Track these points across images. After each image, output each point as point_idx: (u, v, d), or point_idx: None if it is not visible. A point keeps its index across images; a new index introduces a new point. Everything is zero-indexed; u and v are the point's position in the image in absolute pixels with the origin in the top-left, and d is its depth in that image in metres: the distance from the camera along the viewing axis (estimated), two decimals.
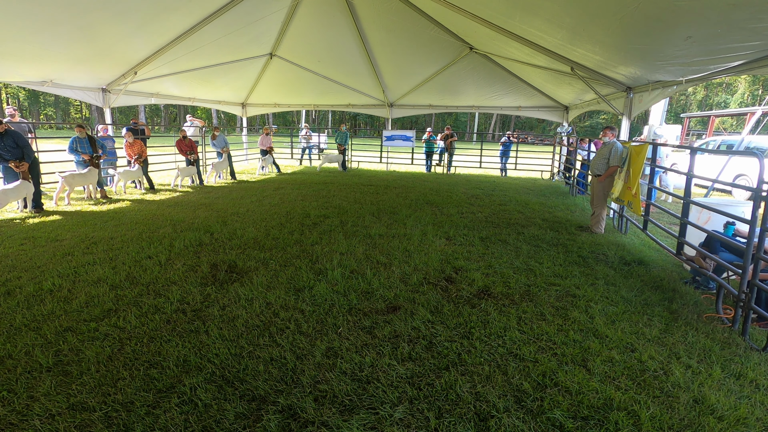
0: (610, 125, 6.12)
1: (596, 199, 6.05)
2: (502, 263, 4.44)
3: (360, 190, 9.16)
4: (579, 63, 7.06)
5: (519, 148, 14.29)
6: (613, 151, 5.78)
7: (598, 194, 6.00)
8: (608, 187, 5.95)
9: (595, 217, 6.02)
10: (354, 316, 3.16)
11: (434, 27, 8.87)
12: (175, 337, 2.78)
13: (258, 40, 9.91)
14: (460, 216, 6.73)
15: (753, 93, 35.64)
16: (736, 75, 5.33)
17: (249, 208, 6.92)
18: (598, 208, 6.01)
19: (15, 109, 8.71)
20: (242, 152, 14.86)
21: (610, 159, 5.80)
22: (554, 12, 5.40)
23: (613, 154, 5.78)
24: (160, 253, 4.45)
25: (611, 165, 5.79)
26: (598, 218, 5.99)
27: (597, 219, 6.00)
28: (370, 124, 54.77)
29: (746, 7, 3.32)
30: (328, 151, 16.42)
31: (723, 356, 2.76)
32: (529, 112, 12.98)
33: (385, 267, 4.21)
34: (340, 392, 2.26)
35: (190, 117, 12.05)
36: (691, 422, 2.12)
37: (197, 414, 2.09)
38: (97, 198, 7.69)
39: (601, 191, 5.98)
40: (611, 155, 5.79)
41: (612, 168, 5.80)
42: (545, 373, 2.47)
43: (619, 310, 3.37)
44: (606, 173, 5.87)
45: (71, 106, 47.65)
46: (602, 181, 5.93)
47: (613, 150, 5.78)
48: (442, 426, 2.04)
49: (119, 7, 6.36)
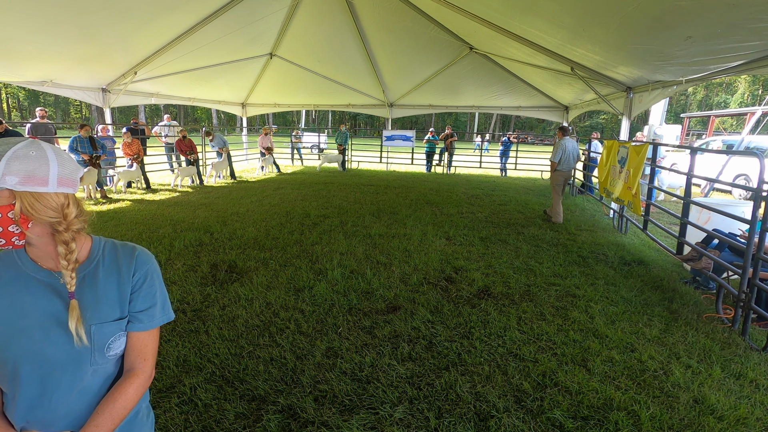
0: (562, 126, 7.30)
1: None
2: (502, 263, 4.44)
3: (360, 190, 9.16)
4: (579, 63, 7.05)
5: (519, 148, 14.29)
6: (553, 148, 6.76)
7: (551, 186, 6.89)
8: (554, 180, 6.74)
9: (551, 208, 6.77)
10: (354, 316, 3.16)
11: (434, 27, 8.86)
12: (175, 337, 2.78)
13: (258, 40, 9.91)
14: (460, 216, 6.73)
15: (753, 93, 35.65)
16: (736, 75, 5.32)
17: (249, 208, 6.92)
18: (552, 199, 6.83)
19: (44, 110, 8.72)
20: (242, 152, 14.86)
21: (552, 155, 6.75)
22: (554, 12, 5.39)
23: (553, 152, 6.76)
24: (160, 253, 4.45)
25: (551, 161, 6.76)
26: (553, 208, 6.71)
27: (552, 209, 6.72)
28: (370, 124, 54.77)
29: (746, 7, 3.32)
30: (328, 151, 16.43)
31: (723, 356, 2.76)
32: (529, 112, 12.96)
33: (385, 267, 4.21)
34: (340, 392, 2.26)
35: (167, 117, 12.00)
36: (691, 422, 2.12)
37: (197, 414, 2.09)
38: (97, 198, 7.69)
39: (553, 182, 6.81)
40: (552, 152, 6.76)
41: (552, 164, 6.75)
42: (545, 373, 2.47)
43: (619, 310, 3.37)
44: (551, 168, 6.85)
45: (71, 106, 47.65)
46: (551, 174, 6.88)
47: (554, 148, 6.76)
48: (442, 426, 2.04)
49: (119, 7, 6.36)
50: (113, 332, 0.94)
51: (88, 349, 0.90)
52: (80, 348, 0.89)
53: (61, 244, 0.88)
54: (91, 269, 0.96)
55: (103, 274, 0.96)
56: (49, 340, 0.88)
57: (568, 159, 6.65)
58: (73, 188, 0.91)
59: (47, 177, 0.84)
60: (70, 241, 0.89)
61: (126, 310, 0.98)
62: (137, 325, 0.98)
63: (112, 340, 0.94)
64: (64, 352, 0.88)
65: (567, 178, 6.76)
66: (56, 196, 0.87)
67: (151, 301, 1.01)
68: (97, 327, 0.91)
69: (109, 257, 0.99)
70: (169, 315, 1.06)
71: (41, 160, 0.83)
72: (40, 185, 0.83)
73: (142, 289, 0.99)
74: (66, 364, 0.89)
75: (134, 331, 0.98)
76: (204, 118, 48.23)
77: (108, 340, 0.93)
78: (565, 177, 6.73)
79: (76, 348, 0.89)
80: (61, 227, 0.88)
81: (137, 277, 0.99)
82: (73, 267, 0.89)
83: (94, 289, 0.94)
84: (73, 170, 0.90)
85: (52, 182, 0.85)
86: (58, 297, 0.90)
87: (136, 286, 0.99)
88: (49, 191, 0.85)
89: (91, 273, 0.95)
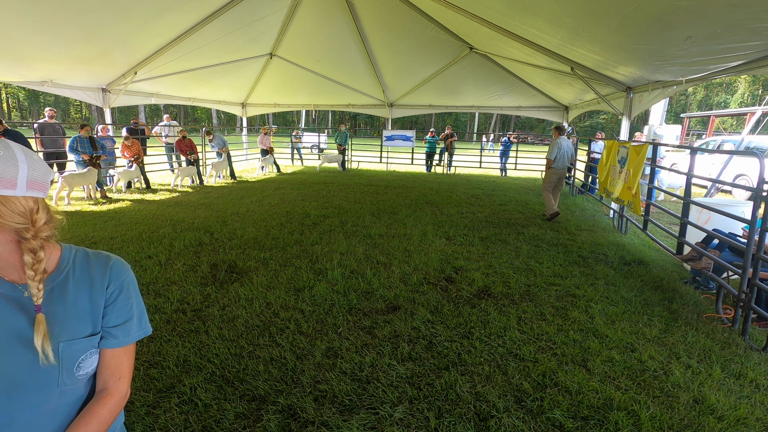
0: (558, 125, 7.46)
1: None
2: (502, 263, 4.44)
3: (360, 190, 9.16)
4: (579, 63, 7.06)
5: (519, 148, 14.29)
6: (549, 146, 6.96)
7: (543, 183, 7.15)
8: (547, 177, 6.95)
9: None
10: (354, 316, 3.16)
11: (434, 27, 8.86)
12: (175, 337, 2.78)
13: (258, 40, 9.91)
14: (460, 216, 6.73)
15: (753, 93, 35.65)
16: (736, 75, 5.32)
17: (249, 208, 6.92)
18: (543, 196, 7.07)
19: (53, 110, 8.75)
20: (242, 152, 14.86)
21: (548, 153, 6.93)
22: (554, 12, 5.39)
23: (548, 150, 6.93)
24: (160, 253, 4.45)
25: (547, 158, 6.95)
26: (545, 201, 6.93)
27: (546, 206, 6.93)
28: (370, 124, 54.77)
29: (746, 7, 3.32)
30: (328, 151, 16.43)
31: (723, 356, 2.76)
32: (529, 112, 12.97)
33: (385, 267, 4.21)
34: (340, 392, 2.26)
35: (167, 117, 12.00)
36: (691, 422, 2.12)
37: (197, 414, 2.09)
38: (97, 198, 7.69)
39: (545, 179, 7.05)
40: (548, 150, 6.93)
41: (548, 161, 6.90)
42: (545, 373, 2.47)
43: (619, 310, 3.37)
44: (546, 165, 7.01)
45: (71, 106, 47.66)
46: (546, 171, 7.09)
47: (550, 146, 6.92)
48: (442, 426, 2.04)
49: (119, 7, 6.36)
50: (84, 350, 0.86)
51: (56, 368, 0.82)
52: (46, 367, 0.81)
53: (27, 252, 0.81)
54: (60, 281, 0.87)
55: (73, 286, 0.88)
56: (11, 358, 0.79)
57: (563, 158, 6.86)
58: (44, 192, 0.85)
59: (15, 179, 0.77)
60: (38, 250, 0.82)
61: (99, 326, 0.89)
62: (111, 341, 0.90)
63: (82, 358, 0.86)
64: (28, 372, 0.80)
65: (560, 176, 6.94)
66: (25, 201, 0.80)
67: (127, 314, 0.93)
68: (66, 344, 0.83)
69: (80, 267, 0.91)
70: (147, 329, 0.98)
71: (9, 161, 0.77)
72: (8, 188, 0.77)
73: (117, 302, 0.92)
74: (30, 385, 0.81)
75: (108, 348, 0.90)
76: (204, 118, 48.21)
77: (78, 358, 0.85)
78: (558, 175, 6.91)
79: (41, 367, 0.81)
80: (28, 234, 0.81)
81: (112, 289, 0.92)
82: (40, 278, 0.82)
83: (63, 302, 0.86)
84: (44, 173, 0.84)
85: (21, 185, 0.78)
86: (22, 311, 0.82)
87: (111, 299, 0.91)
88: (17, 195, 0.78)
89: (60, 285, 0.87)
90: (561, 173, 6.92)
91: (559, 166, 6.86)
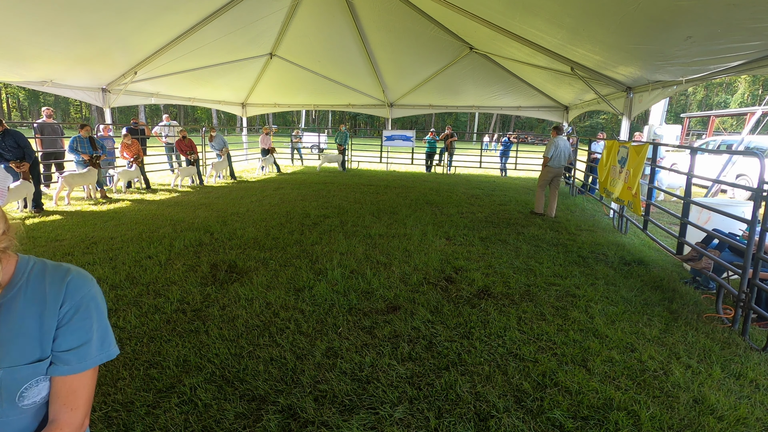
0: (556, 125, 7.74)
1: None
2: (502, 263, 4.44)
3: (360, 190, 9.16)
4: (579, 63, 7.06)
5: (519, 148, 14.29)
6: (547, 145, 7.08)
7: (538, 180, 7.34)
8: (543, 175, 7.11)
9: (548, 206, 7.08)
10: (354, 316, 3.16)
11: (434, 27, 8.86)
12: (175, 337, 2.78)
13: (258, 40, 9.91)
14: (460, 216, 6.73)
15: (753, 93, 35.65)
16: (736, 75, 5.32)
17: (249, 208, 6.92)
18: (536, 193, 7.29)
19: (50, 109, 8.74)
20: (242, 152, 14.86)
21: (545, 151, 7.09)
22: (554, 12, 5.39)
23: (546, 148, 7.09)
24: (160, 253, 4.45)
25: (544, 156, 7.10)
26: (536, 201, 7.22)
27: (536, 203, 7.22)
28: (370, 124, 54.77)
29: (746, 7, 3.32)
30: (327, 151, 16.43)
31: (723, 356, 2.76)
32: (529, 112, 12.97)
33: (385, 267, 4.21)
34: (340, 392, 2.26)
35: (166, 117, 12.00)
36: (691, 422, 2.11)
37: (197, 414, 2.09)
38: (97, 198, 7.69)
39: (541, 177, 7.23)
40: (546, 148, 7.09)
41: (544, 159, 7.06)
42: (545, 373, 2.47)
43: (619, 310, 3.37)
44: (543, 163, 7.15)
45: (71, 106, 47.66)
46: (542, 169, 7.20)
47: (547, 145, 7.07)
48: (442, 426, 2.04)
49: (119, 7, 6.36)
50: (28, 377, 0.77)
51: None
52: None
53: None
54: (9, 297, 0.78)
55: (23, 304, 0.78)
56: None
57: (559, 157, 6.97)
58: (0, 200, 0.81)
59: None
60: None
61: (48, 350, 0.79)
62: (62, 367, 0.80)
63: (26, 387, 0.77)
64: None
65: (555, 175, 7.04)
66: None
67: (84, 337, 0.82)
68: (7, 371, 0.74)
69: (34, 283, 0.80)
70: (110, 352, 0.87)
71: None
72: None
73: (71, 323, 0.81)
74: None
75: (59, 375, 0.80)
76: (204, 118, 48.21)
77: (20, 387, 0.76)
78: (553, 173, 7.03)
79: None
80: None
81: (66, 308, 0.80)
82: None
83: (8, 322, 0.76)
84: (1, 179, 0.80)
85: None
86: None
87: (64, 320, 0.80)
88: None
89: (9, 302, 0.78)
90: (556, 172, 7.01)
91: (555, 165, 6.98)
